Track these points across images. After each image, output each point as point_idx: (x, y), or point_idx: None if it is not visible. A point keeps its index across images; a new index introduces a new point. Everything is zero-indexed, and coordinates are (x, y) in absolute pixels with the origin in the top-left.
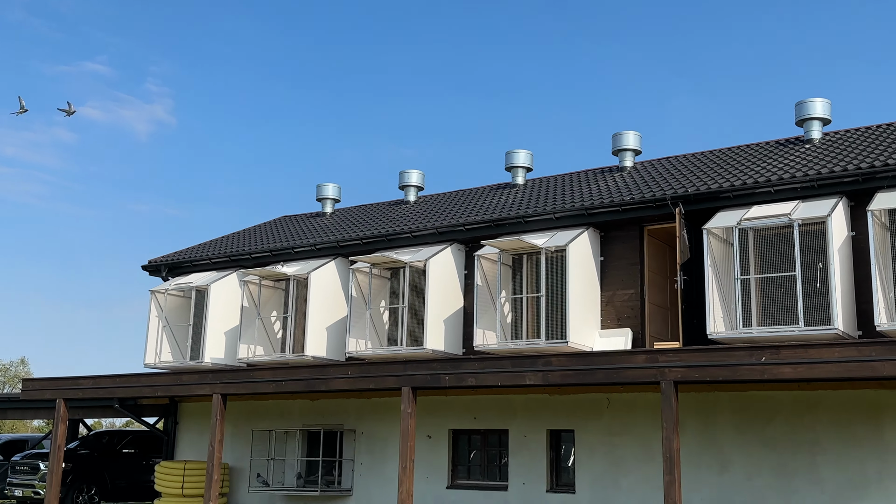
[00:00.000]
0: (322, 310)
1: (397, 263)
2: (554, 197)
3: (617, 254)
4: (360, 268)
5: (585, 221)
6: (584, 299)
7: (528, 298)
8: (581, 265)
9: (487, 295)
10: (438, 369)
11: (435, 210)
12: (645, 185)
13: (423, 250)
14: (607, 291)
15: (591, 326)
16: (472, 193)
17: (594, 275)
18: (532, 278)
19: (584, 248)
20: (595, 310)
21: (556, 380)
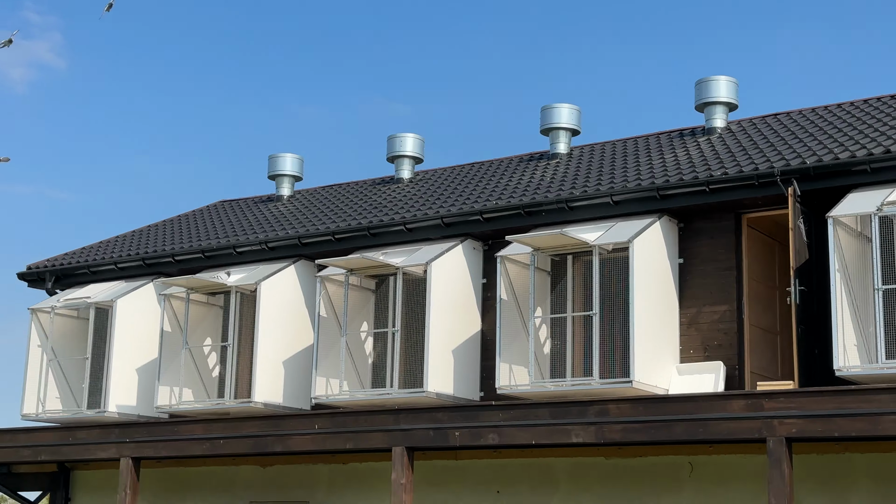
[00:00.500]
0: (277, 336)
1: (385, 269)
2: (611, 172)
3: (702, 254)
4: (331, 275)
5: (657, 207)
6: (655, 319)
7: (575, 319)
8: (651, 270)
9: (516, 314)
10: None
11: (439, 192)
12: (743, 155)
13: (423, 249)
14: (689, 308)
15: (665, 359)
16: (493, 168)
17: (670, 284)
18: (580, 289)
19: (654, 245)
20: (671, 335)
21: (616, 436)
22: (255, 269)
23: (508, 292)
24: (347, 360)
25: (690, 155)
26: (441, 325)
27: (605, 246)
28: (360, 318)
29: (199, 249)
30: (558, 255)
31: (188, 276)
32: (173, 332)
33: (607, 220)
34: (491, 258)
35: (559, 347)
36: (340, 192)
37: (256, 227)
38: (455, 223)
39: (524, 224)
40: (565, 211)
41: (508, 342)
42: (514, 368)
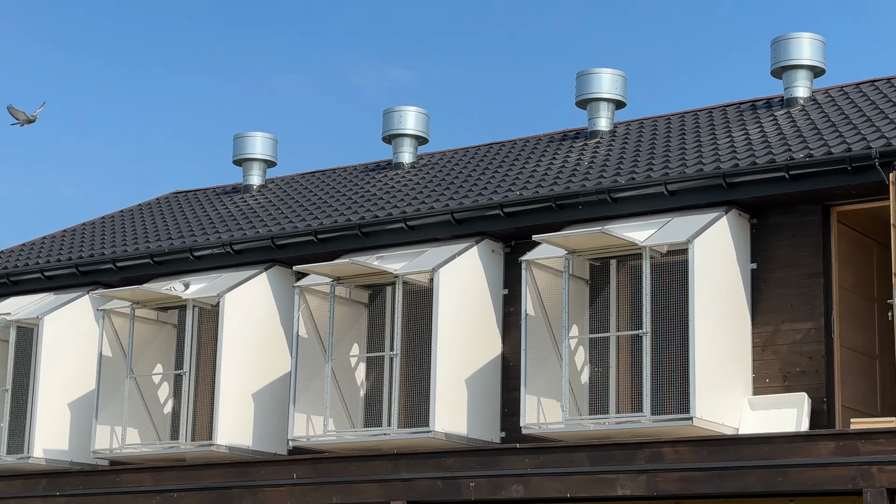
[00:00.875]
0: (245, 362)
1: (381, 277)
2: (665, 154)
3: (781, 257)
4: (312, 285)
5: (723, 198)
6: (721, 340)
7: (620, 340)
8: (715, 278)
9: (545, 333)
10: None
11: (449, 180)
12: (832, 132)
13: (429, 252)
14: (764, 325)
15: (734, 390)
16: (517, 150)
17: (740, 295)
18: (626, 303)
19: (720, 246)
20: (742, 360)
21: (673, 487)
22: (218, 277)
23: (536, 306)
24: (334, 392)
25: (765, 132)
26: (451, 348)
27: (659, 247)
28: (350, 339)
29: (146, 253)
30: (599, 260)
31: (133, 286)
32: (115, 357)
33: (661, 214)
34: (514, 263)
35: (600, 376)
36: (324, 180)
37: (219, 224)
38: (469, 219)
39: (556, 220)
40: (608, 203)
41: (536, 369)
42: (543, 402)
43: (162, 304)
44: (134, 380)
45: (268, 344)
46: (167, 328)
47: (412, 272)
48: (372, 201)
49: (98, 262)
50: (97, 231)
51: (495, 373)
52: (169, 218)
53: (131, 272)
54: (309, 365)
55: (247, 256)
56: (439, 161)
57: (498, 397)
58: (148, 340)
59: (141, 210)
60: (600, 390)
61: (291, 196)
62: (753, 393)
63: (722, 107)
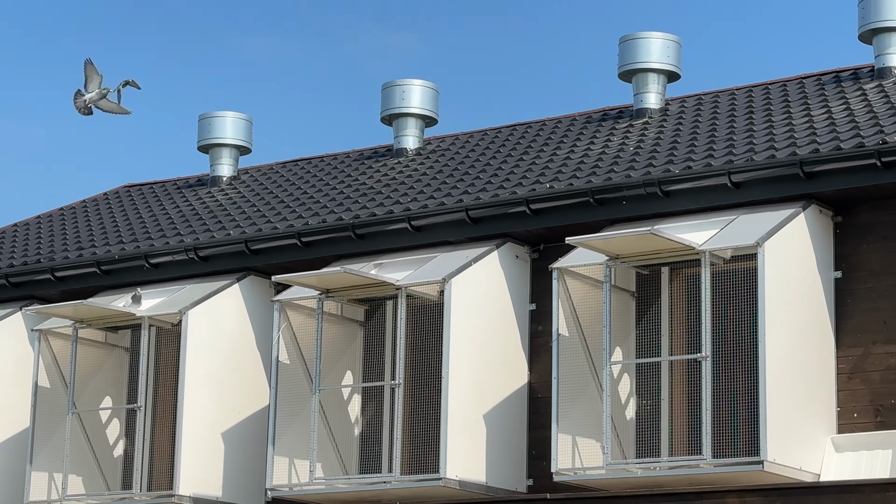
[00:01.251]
0: (213, 393)
1: (380, 289)
2: (728, 137)
3: (872, 263)
4: (295, 299)
5: (800, 191)
6: (798, 366)
7: (675, 365)
8: (791, 289)
9: (582, 357)
10: None
11: (462, 169)
12: None
13: (438, 258)
14: (851, 347)
15: (814, 427)
16: (546, 132)
17: (821, 310)
18: (681, 320)
19: (797, 249)
20: (824, 390)
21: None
22: (180, 290)
23: (570, 324)
24: (322, 430)
25: (852, 110)
26: (466, 376)
27: (721, 252)
28: (342, 365)
29: (91, 260)
30: (647, 267)
31: (76, 301)
32: (53, 388)
33: (723, 211)
34: (543, 272)
35: (651, 410)
36: (310, 170)
37: (181, 225)
38: (487, 217)
39: (594, 219)
40: (658, 198)
41: (571, 401)
42: (579, 442)
43: (111, 324)
44: (77, 416)
45: (241, 371)
46: (117, 352)
47: (418, 283)
48: (368, 196)
49: (32, 271)
50: (31, 233)
51: (520, 407)
52: (120, 217)
53: (73, 284)
54: (292, 397)
55: (215, 264)
56: (451, 146)
57: (524, 437)
58: (94, 367)
59: (85, 207)
60: (650, 428)
61: (269, 190)
62: (838, 431)
63: (798, 79)
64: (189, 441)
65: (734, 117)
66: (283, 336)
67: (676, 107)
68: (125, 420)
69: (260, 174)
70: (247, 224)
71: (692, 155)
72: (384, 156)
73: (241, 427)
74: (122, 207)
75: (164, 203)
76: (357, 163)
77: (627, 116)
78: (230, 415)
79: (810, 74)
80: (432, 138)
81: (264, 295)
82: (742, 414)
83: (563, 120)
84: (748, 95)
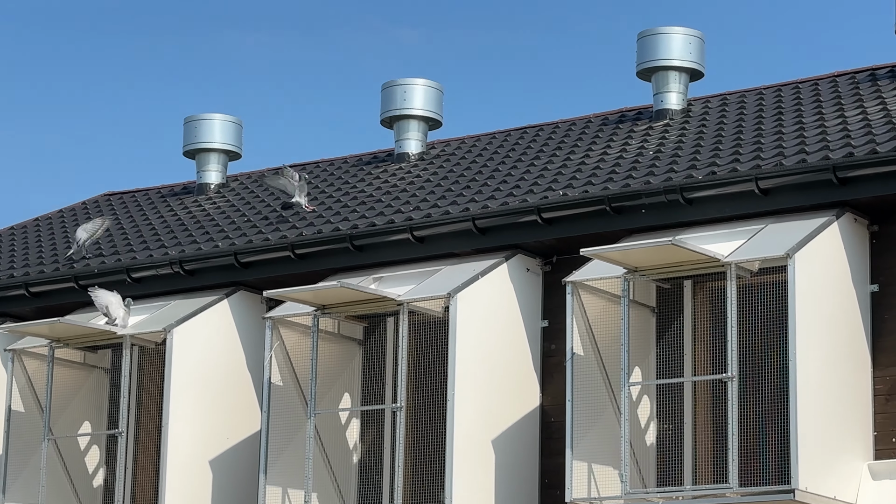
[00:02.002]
0: (199, 417)
1: (380, 304)
2: (756, 140)
3: None
4: (288, 315)
5: (833, 199)
6: (831, 387)
7: (698, 386)
8: (824, 302)
9: (599, 377)
10: None
11: (468, 175)
12: None
13: (443, 272)
14: (889, 366)
15: (849, 452)
16: (558, 135)
17: (857, 326)
18: (705, 337)
19: (830, 261)
20: (859, 412)
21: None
22: (164, 306)
23: (585, 341)
24: (318, 457)
25: (889, 111)
26: (473, 398)
27: (748, 264)
28: (339, 386)
29: (69, 274)
30: (669, 281)
31: (52, 319)
32: (28, 412)
33: (751, 220)
34: (556, 286)
35: (673, 435)
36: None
37: (165, 236)
38: (495, 227)
39: (611, 229)
40: (679, 206)
41: (586, 426)
42: (596, 469)
43: (90, 343)
44: (53, 442)
45: (230, 394)
46: (97, 374)
47: (421, 298)
48: (367, 205)
49: (5, 286)
50: (4, 246)
51: (532, 431)
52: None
53: (49, 300)
54: (285, 422)
55: (202, 278)
56: (456, 151)
57: (536, 464)
58: (72, 390)
59: (62, 217)
60: (672, 454)
61: (260, 198)
62: (875, 457)
63: (831, 76)
64: (174, 469)
65: (762, 119)
66: (275, 356)
67: (699, 107)
68: (105, 447)
69: (250, 181)
70: (236, 235)
71: (717, 159)
72: (384, 161)
73: (230, 454)
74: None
75: (148, 212)
76: (355, 169)
77: (647, 118)
78: (218, 441)
79: (844, 72)
80: (436, 142)
81: (255, 311)
82: (771, 439)
83: (578, 122)
84: (777, 95)
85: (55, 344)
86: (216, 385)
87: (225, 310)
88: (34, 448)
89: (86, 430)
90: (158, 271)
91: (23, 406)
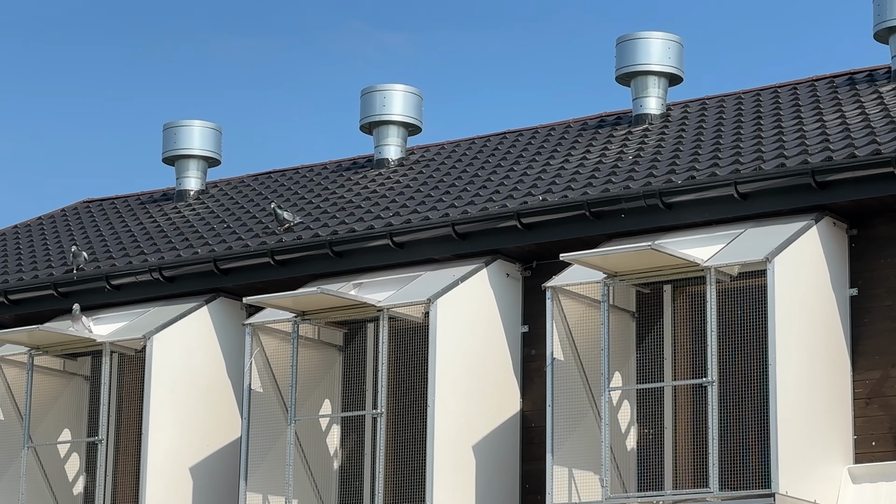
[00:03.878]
0: (180, 425)
1: (360, 310)
2: (734, 144)
3: (890, 278)
4: (269, 322)
5: (812, 202)
6: (810, 390)
7: (678, 391)
8: (803, 306)
9: (579, 382)
10: None
11: (448, 181)
12: None
13: (423, 277)
14: (868, 370)
15: (829, 456)
16: (538, 140)
17: (836, 330)
18: (685, 342)
19: (809, 265)
20: (839, 416)
21: None
22: (144, 313)
23: (565, 347)
24: (298, 463)
25: (867, 115)
26: (454, 404)
27: (727, 268)
28: (320, 392)
29: (48, 281)
30: (648, 286)
31: (31, 326)
32: (7, 420)
33: (730, 224)
34: (536, 291)
35: (653, 439)
36: (283, 182)
37: (144, 243)
38: (475, 233)
39: (590, 234)
40: (659, 210)
41: (567, 431)
42: (576, 474)
43: (69, 350)
44: (33, 450)
45: (210, 401)
46: (77, 381)
47: (401, 304)
48: (347, 210)
49: None
50: None
51: (512, 437)
52: (78, 234)
53: (28, 307)
54: (265, 428)
55: (182, 285)
56: (436, 156)
57: (517, 469)
58: (51, 398)
59: (41, 225)
60: (652, 458)
61: (240, 204)
62: (855, 460)
63: (809, 81)
64: (154, 477)
65: (741, 123)
66: (255, 362)
67: (679, 112)
68: (85, 454)
69: (230, 187)
70: (216, 242)
71: (696, 164)
72: (364, 167)
73: (210, 461)
74: (80, 224)
75: (127, 219)
76: (335, 175)
77: (626, 123)
78: (199, 448)
79: (822, 76)
80: (416, 147)
81: (235, 318)
82: (751, 443)
83: (557, 127)
84: (756, 99)
85: (35, 351)
86: (196, 392)
87: (205, 316)
88: (14, 456)
89: (66, 438)
90: (138, 278)
91: (2, 413)
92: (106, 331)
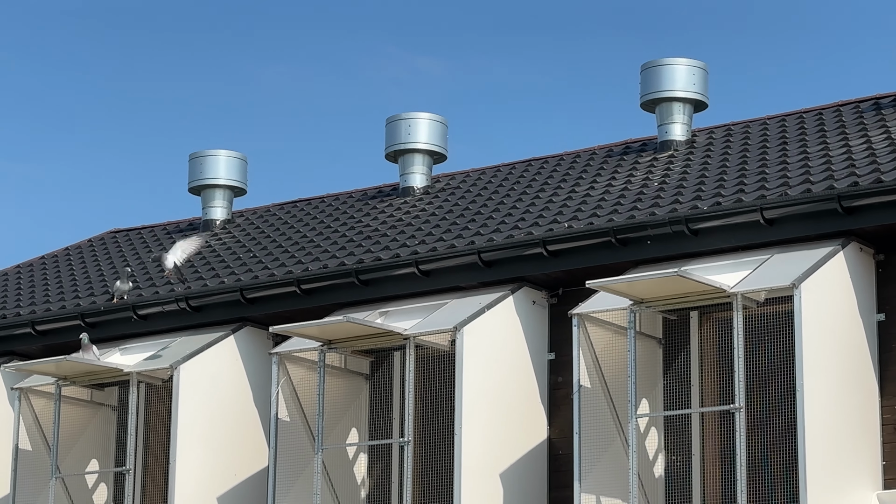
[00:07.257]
0: (208, 453)
1: (386, 339)
2: (760, 170)
3: None
4: (294, 350)
5: (839, 228)
6: (839, 416)
7: (706, 417)
8: (831, 332)
9: (606, 410)
10: None
11: (473, 209)
12: None
13: (449, 305)
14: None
15: (858, 482)
16: (563, 168)
17: (864, 355)
18: (712, 368)
19: (836, 291)
20: (868, 441)
21: None
22: (170, 343)
23: (592, 373)
24: (325, 492)
25: (893, 140)
26: (481, 432)
27: (754, 294)
28: (346, 421)
29: (75, 312)
30: (675, 312)
31: (59, 357)
32: (35, 450)
33: (756, 250)
34: (563, 318)
35: (681, 466)
36: (309, 212)
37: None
38: (501, 260)
39: (616, 260)
40: (685, 237)
41: (594, 458)
42: (604, 502)
43: (97, 380)
44: (61, 480)
45: (237, 430)
46: (104, 411)
47: (427, 332)
48: (373, 239)
49: (12, 324)
50: (10, 284)
51: (539, 464)
52: (105, 265)
53: (56, 338)
54: (292, 457)
55: (208, 315)
56: (461, 184)
57: (544, 497)
58: (79, 428)
59: (69, 255)
60: (680, 486)
61: (266, 234)
62: (884, 486)
63: (835, 106)
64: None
65: (766, 149)
66: (282, 391)
67: (704, 138)
68: (113, 484)
69: (256, 217)
70: (242, 271)
71: (721, 190)
72: (389, 195)
73: (237, 490)
74: (107, 255)
75: (153, 249)
76: (360, 203)
77: (651, 149)
78: (226, 477)
79: (848, 101)
80: (441, 175)
81: (261, 347)
82: (780, 470)
83: (582, 154)
84: (781, 125)
85: (62, 382)
86: (223, 421)
87: (231, 346)
88: (42, 486)
89: (93, 468)
90: (164, 308)
91: (30, 444)
92: (133, 361)
